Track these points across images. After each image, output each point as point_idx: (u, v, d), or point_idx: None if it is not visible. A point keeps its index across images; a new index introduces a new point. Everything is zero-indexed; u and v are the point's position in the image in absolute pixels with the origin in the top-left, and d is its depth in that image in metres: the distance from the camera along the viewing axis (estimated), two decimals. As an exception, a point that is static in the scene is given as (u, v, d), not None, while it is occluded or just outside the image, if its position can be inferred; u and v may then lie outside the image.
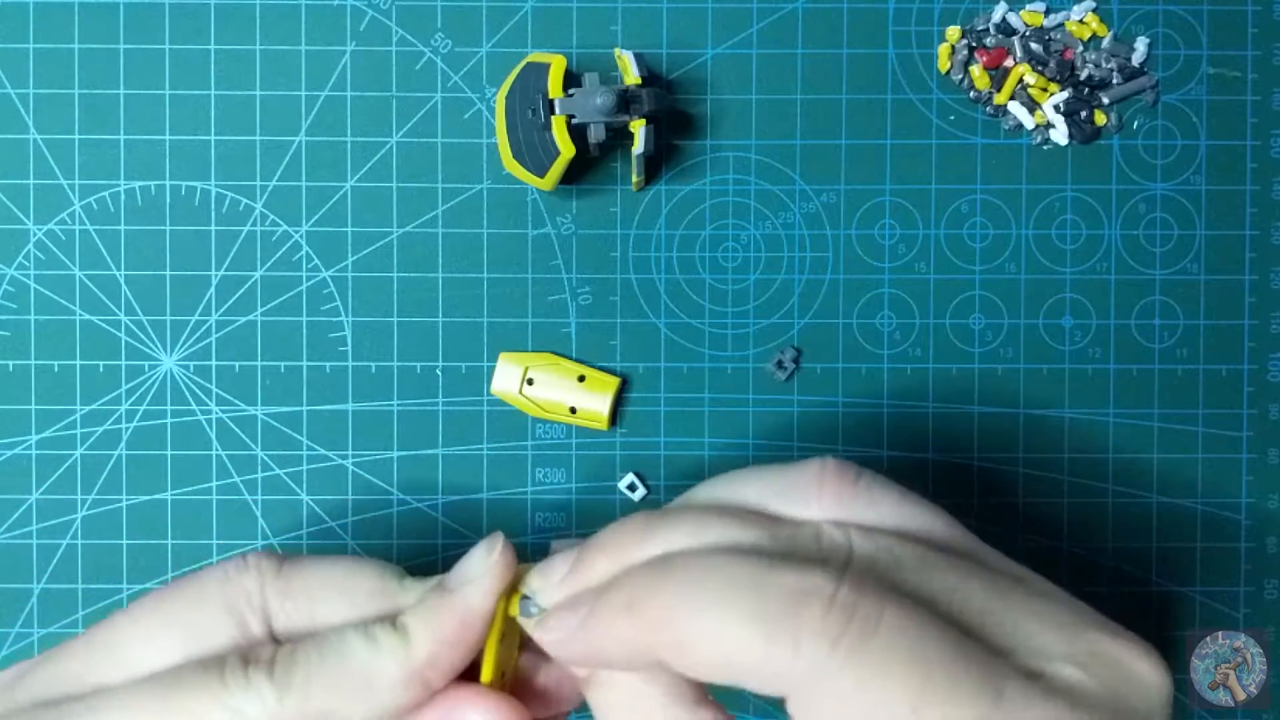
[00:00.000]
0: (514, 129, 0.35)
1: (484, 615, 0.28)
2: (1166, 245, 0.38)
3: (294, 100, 0.38)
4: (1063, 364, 0.38)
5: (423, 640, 0.27)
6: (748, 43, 0.38)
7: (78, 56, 0.38)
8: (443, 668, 0.28)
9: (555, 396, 0.37)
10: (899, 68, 0.38)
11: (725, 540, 0.26)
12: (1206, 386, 0.38)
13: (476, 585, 0.28)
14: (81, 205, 0.38)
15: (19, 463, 0.38)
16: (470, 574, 0.28)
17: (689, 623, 0.24)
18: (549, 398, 0.37)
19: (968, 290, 0.38)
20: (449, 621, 0.27)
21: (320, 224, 0.38)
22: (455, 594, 0.28)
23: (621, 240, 0.38)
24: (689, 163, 0.38)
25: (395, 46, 0.38)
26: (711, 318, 0.38)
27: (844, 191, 0.38)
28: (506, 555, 0.28)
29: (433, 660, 0.27)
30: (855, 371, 0.38)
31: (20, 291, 0.38)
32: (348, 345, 0.38)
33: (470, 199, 0.38)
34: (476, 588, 0.28)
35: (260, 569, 0.29)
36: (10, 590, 0.38)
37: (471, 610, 0.28)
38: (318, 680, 0.27)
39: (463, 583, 0.28)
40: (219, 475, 0.38)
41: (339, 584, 0.29)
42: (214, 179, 0.38)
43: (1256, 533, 0.38)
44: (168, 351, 0.38)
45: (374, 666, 0.27)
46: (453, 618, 0.28)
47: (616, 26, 0.38)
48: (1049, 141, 0.38)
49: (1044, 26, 0.38)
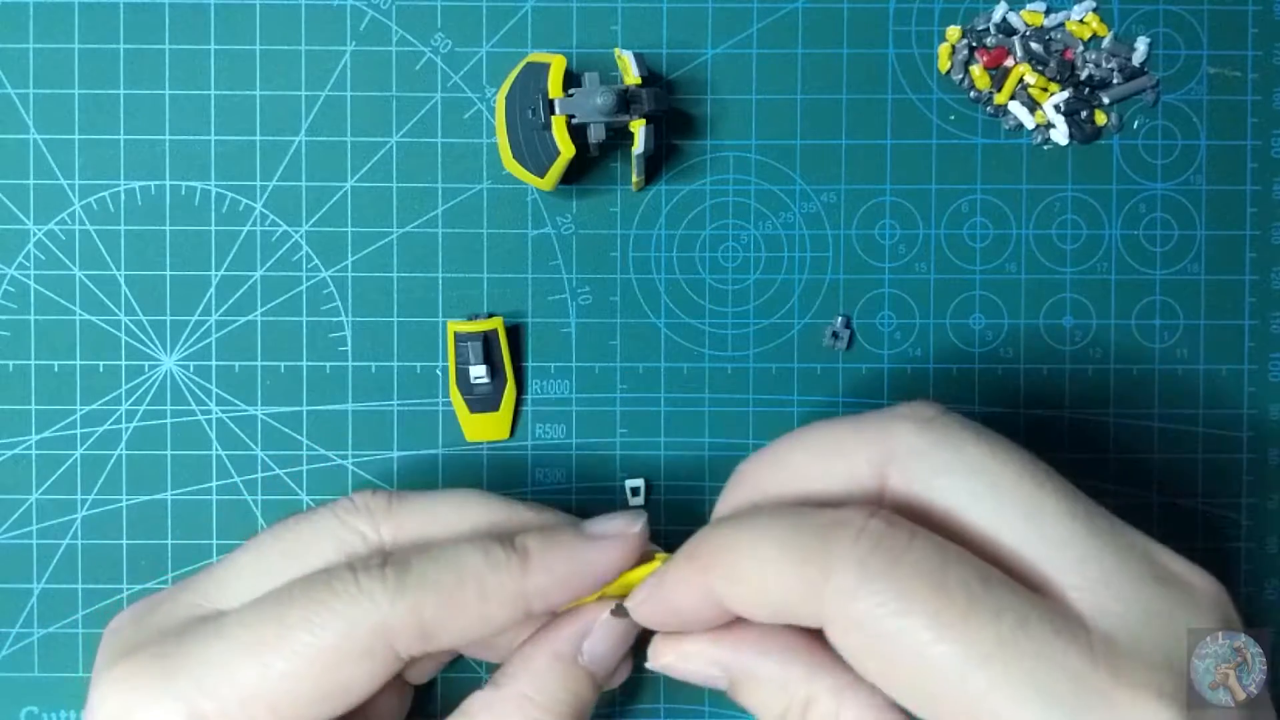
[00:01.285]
0: (514, 129, 0.35)
1: (603, 574, 0.29)
2: (1166, 245, 0.38)
3: (294, 100, 0.38)
4: (1063, 364, 0.38)
5: (540, 566, 0.28)
6: (748, 43, 0.38)
7: (78, 56, 0.38)
8: (548, 600, 0.28)
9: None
10: (899, 68, 0.38)
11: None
12: (1206, 386, 0.38)
13: (611, 545, 0.29)
14: (81, 205, 0.38)
15: (19, 463, 0.38)
16: (610, 530, 0.29)
17: (734, 556, 0.26)
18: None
19: (968, 290, 0.38)
20: (569, 562, 0.28)
21: (320, 224, 0.38)
22: (587, 542, 0.29)
23: (621, 240, 0.38)
24: (689, 163, 0.38)
25: (395, 46, 0.38)
26: (711, 318, 0.38)
27: (844, 191, 0.38)
28: (645, 535, 0.30)
29: (541, 591, 0.28)
30: (855, 371, 0.38)
31: (20, 291, 0.38)
32: (348, 345, 0.38)
33: (470, 199, 0.38)
34: (610, 546, 0.29)
35: (370, 507, 0.30)
36: (10, 590, 0.38)
37: (595, 564, 0.29)
38: (431, 585, 0.28)
39: (600, 535, 0.29)
40: (219, 475, 0.38)
41: (448, 515, 0.30)
42: (214, 179, 0.38)
43: (1256, 532, 0.38)
44: (168, 351, 0.38)
45: (488, 578, 0.28)
46: (574, 561, 0.28)
47: (616, 26, 0.38)
48: (1049, 141, 0.38)
49: (1044, 26, 0.38)
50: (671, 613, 0.28)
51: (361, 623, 0.27)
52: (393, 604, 0.27)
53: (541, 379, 0.38)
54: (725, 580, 0.26)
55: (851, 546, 0.25)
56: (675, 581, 0.28)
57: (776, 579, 0.25)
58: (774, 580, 0.25)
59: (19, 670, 0.38)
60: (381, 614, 0.27)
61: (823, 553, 0.25)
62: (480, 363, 0.36)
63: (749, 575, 0.26)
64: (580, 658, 0.30)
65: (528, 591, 0.28)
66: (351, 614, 0.27)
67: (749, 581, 0.26)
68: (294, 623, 0.27)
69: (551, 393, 0.38)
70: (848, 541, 0.25)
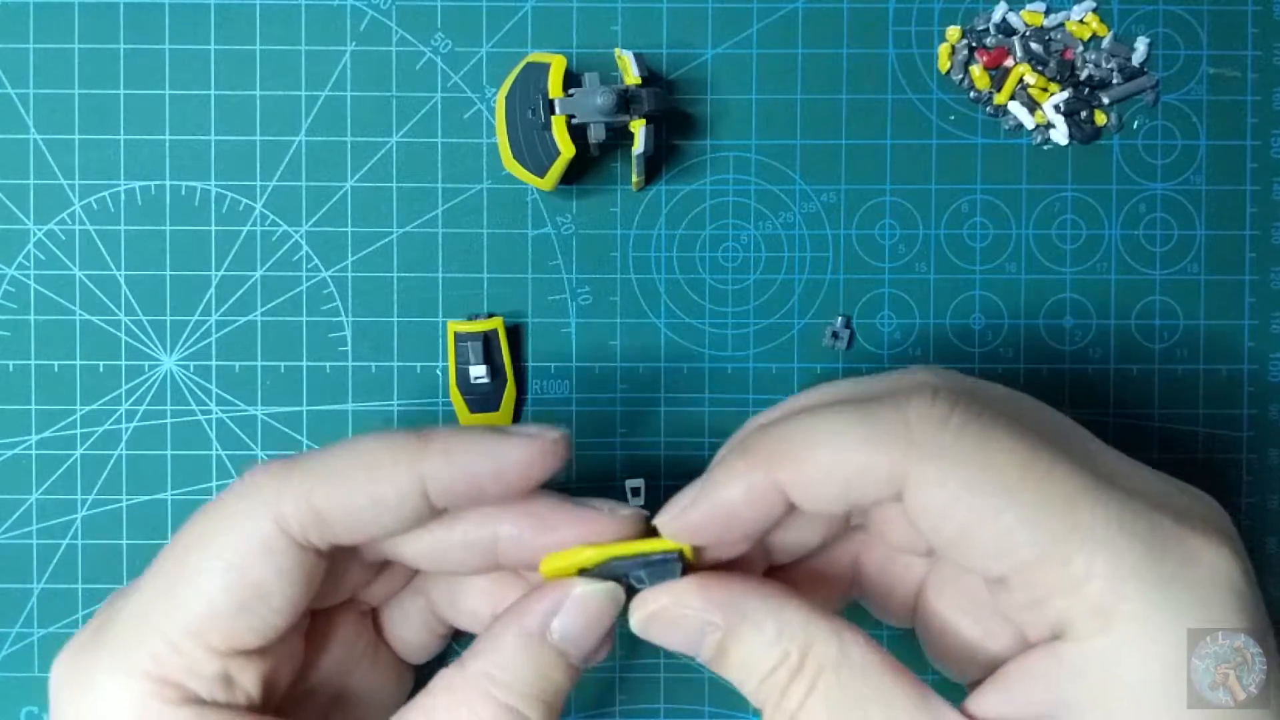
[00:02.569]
0: (514, 129, 0.35)
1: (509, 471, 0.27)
2: (1166, 245, 0.38)
3: (294, 100, 0.38)
4: (1063, 364, 0.38)
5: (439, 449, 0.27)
6: (748, 43, 0.38)
7: (78, 56, 0.38)
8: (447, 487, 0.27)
9: None
10: (899, 68, 0.38)
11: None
12: (1206, 386, 0.38)
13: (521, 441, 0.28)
14: (81, 205, 0.38)
15: (19, 463, 0.38)
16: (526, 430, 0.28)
17: (803, 440, 0.26)
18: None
19: (968, 290, 0.38)
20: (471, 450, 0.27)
21: (320, 224, 0.38)
22: (497, 435, 0.28)
23: (621, 240, 0.38)
24: (689, 163, 0.38)
25: (395, 46, 0.38)
26: (711, 318, 0.38)
27: (844, 191, 0.38)
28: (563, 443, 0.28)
29: (438, 474, 0.27)
30: (855, 371, 0.38)
31: (20, 291, 0.38)
32: (348, 345, 0.38)
33: (470, 199, 0.38)
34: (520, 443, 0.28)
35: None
36: (10, 590, 0.38)
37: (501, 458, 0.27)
38: (319, 467, 0.27)
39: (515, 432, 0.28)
40: (219, 475, 0.38)
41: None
42: (214, 179, 0.38)
43: (1256, 532, 0.38)
44: (168, 351, 0.38)
45: (380, 454, 0.27)
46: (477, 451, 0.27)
47: (616, 26, 0.38)
48: (1049, 141, 0.38)
49: (1044, 26, 0.38)
50: (721, 516, 0.27)
51: (251, 515, 0.27)
52: (279, 491, 0.27)
53: (541, 379, 0.38)
54: (792, 465, 0.26)
55: (930, 406, 0.25)
56: (727, 481, 0.27)
57: (851, 452, 0.25)
58: (848, 454, 0.25)
59: (19, 670, 0.38)
60: (268, 501, 0.27)
61: (900, 417, 0.25)
62: (480, 363, 0.36)
63: (819, 454, 0.25)
64: (550, 635, 0.28)
65: (424, 473, 0.27)
66: (240, 509, 0.27)
67: (819, 460, 0.26)
68: (189, 545, 0.27)
69: (551, 393, 0.38)
70: (926, 403, 0.25)
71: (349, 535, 0.27)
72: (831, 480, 0.26)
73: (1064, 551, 0.24)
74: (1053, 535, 0.24)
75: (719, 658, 0.27)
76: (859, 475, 0.25)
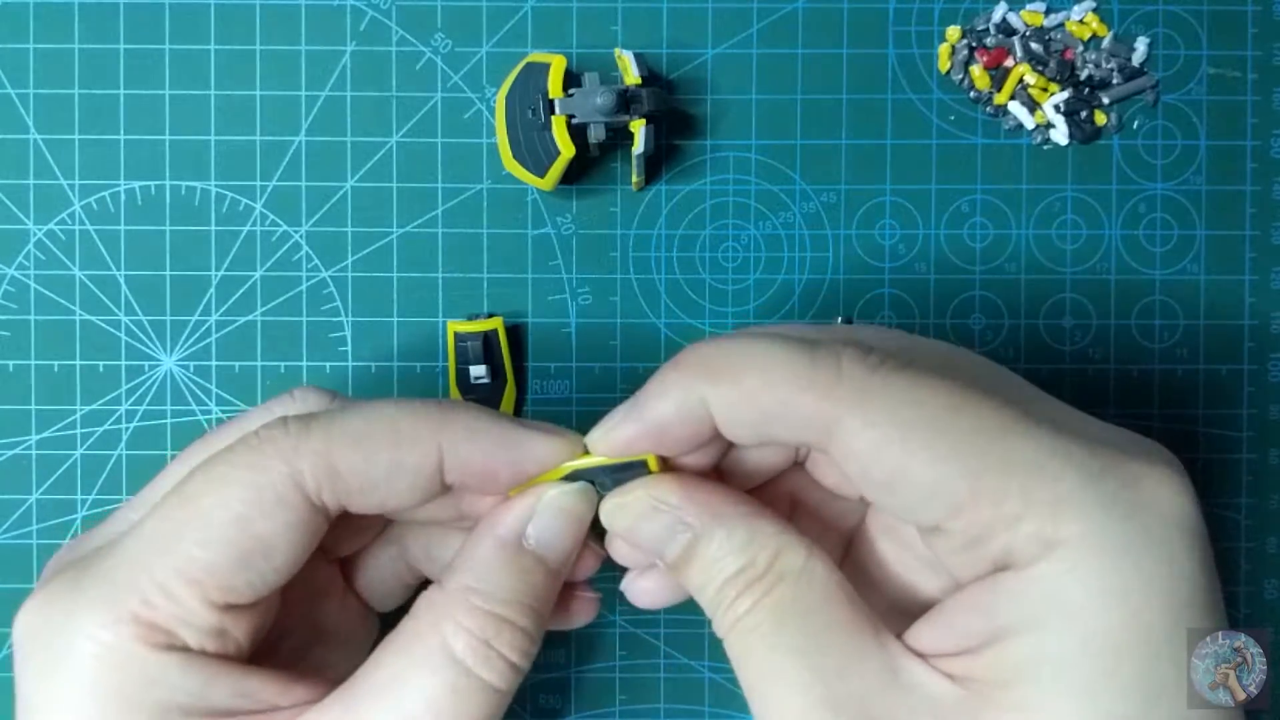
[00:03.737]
0: (514, 129, 0.35)
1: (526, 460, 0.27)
2: (1166, 245, 0.38)
3: (294, 100, 0.38)
4: (1063, 364, 0.38)
5: (462, 425, 0.27)
6: (748, 43, 0.38)
7: (78, 56, 0.38)
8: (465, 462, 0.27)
9: None
10: (899, 68, 0.38)
11: None
12: (1206, 386, 0.38)
13: (547, 436, 0.27)
14: (81, 205, 0.38)
15: (19, 463, 0.38)
16: (550, 427, 0.28)
17: (735, 359, 0.25)
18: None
19: (968, 290, 0.38)
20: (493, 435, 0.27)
21: (320, 224, 0.38)
22: (521, 426, 0.27)
23: (621, 240, 0.38)
24: (689, 163, 0.38)
25: (395, 46, 0.38)
26: (711, 318, 0.38)
27: (844, 191, 0.38)
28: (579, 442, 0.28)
29: (456, 447, 0.27)
30: (855, 371, 0.38)
31: (20, 291, 0.38)
32: (348, 345, 0.38)
33: (470, 199, 0.38)
34: (544, 438, 0.27)
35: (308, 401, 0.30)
36: (10, 590, 0.38)
37: (519, 444, 0.27)
38: (339, 427, 0.27)
39: (540, 427, 0.28)
40: (219, 475, 0.38)
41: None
42: (214, 179, 0.38)
43: (1256, 533, 0.38)
44: (168, 351, 0.38)
45: (403, 420, 0.27)
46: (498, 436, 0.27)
47: (616, 26, 0.38)
48: (1049, 141, 0.38)
49: (1044, 26, 0.38)
50: (651, 433, 0.26)
51: (266, 470, 0.26)
52: (297, 448, 0.26)
53: (541, 379, 0.38)
54: (724, 382, 0.25)
55: (861, 358, 0.25)
56: (658, 394, 0.26)
57: (783, 380, 0.25)
58: (780, 382, 0.25)
59: (19, 670, 0.38)
60: (285, 456, 0.26)
61: (833, 358, 0.25)
62: (480, 363, 0.36)
63: (749, 377, 0.25)
64: (527, 541, 0.27)
65: (443, 443, 0.26)
66: (254, 462, 0.26)
67: (748, 383, 0.25)
68: (198, 490, 0.26)
69: (551, 393, 0.38)
70: (857, 354, 0.25)
71: (363, 501, 0.27)
72: (751, 407, 0.25)
73: (999, 483, 0.23)
74: (985, 466, 0.24)
75: (682, 561, 0.27)
76: (780, 408, 0.25)
